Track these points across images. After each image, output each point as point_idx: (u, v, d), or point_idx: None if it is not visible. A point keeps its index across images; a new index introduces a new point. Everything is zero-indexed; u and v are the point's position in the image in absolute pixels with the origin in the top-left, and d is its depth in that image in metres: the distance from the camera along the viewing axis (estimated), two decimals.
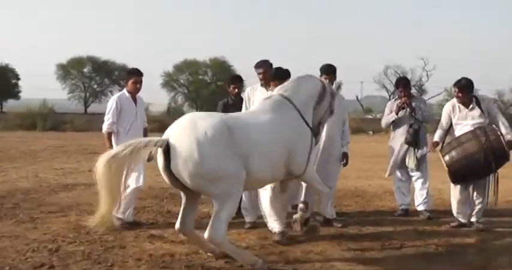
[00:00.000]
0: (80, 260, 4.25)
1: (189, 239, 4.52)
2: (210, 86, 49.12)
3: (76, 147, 16.18)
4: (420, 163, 6.36)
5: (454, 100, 5.97)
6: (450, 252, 4.87)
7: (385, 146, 6.91)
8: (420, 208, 6.40)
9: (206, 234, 3.98)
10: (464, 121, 5.84)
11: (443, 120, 6.05)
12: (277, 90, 4.70)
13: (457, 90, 5.84)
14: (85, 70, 43.57)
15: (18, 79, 43.22)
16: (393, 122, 6.53)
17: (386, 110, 6.71)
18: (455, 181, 5.80)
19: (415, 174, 6.44)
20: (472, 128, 5.69)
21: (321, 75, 5.69)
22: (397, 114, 6.43)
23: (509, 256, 4.74)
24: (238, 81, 6.37)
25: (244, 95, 5.81)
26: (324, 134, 5.45)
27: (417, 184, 6.45)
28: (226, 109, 6.03)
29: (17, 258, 4.34)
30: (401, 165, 6.45)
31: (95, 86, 44.15)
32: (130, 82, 5.80)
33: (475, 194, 5.85)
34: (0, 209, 6.35)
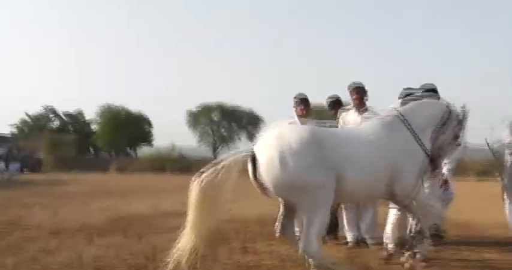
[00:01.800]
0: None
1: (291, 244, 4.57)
2: None
3: None
4: None
5: None
6: None
7: None
8: None
9: (300, 247, 4.00)
10: None
11: None
12: (397, 108, 4.62)
13: None
14: (213, 116, 45.15)
15: (151, 127, 45.89)
16: None
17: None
18: None
19: None
20: None
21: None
22: None
23: None
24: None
25: (339, 119, 6.06)
26: None
27: None
28: None
29: (116, 262, 4.75)
30: None
31: (222, 130, 45.33)
32: (298, 108, 6.25)
33: None
34: (115, 227, 6.95)
